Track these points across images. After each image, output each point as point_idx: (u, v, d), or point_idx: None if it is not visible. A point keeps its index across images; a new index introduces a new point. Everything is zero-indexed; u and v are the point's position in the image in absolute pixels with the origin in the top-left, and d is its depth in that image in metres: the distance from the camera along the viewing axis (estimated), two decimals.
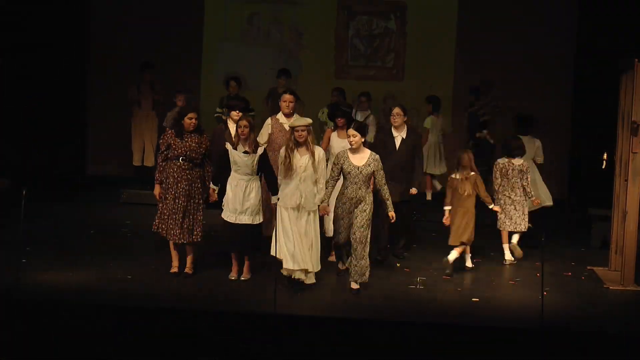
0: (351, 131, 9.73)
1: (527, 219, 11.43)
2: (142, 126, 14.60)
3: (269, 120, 11.03)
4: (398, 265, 10.94)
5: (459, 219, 10.75)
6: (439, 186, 14.33)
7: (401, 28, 15.53)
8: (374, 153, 9.80)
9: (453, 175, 10.88)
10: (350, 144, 9.74)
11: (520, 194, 11.34)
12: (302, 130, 9.77)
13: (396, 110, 10.96)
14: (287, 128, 10.26)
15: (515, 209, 11.36)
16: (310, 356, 8.59)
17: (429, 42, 15.38)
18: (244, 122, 10.00)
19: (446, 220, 10.84)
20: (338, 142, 10.72)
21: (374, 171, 9.71)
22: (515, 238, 11.44)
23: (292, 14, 15.67)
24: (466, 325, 8.99)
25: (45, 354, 8.44)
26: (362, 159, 9.71)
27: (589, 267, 11.16)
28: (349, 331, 8.85)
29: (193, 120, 10.10)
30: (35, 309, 8.95)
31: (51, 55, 14.83)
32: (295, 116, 10.59)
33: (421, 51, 15.41)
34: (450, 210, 10.83)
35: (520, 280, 10.58)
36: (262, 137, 10.82)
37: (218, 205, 10.24)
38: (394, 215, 9.86)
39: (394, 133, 10.96)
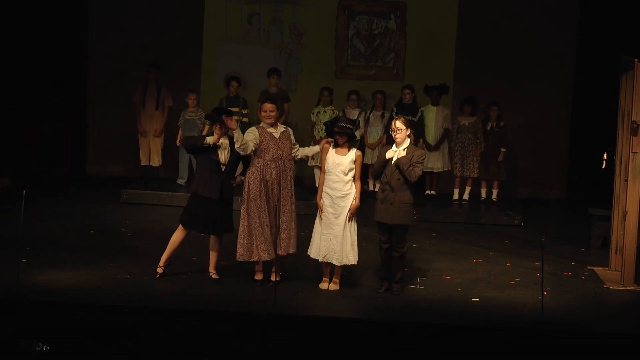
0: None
1: None
2: (147, 127, 14.58)
3: (255, 131, 9.99)
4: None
5: None
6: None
7: (401, 28, 15.52)
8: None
9: None
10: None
11: None
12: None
13: (398, 124, 9.74)
14: (277, 137, 10.10)
15: None
16: (311, 356, 8.59)
17: (429, 42, 15.37)
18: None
19: None
20: (334, 157, 9.95)
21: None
22: None
23: (292, 14, 15.67)
24: (466, 325, 8.99)
25: (45, 354, 8.44)
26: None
27: (589, 267, 11.16)
28: (349, 331, 8.85)
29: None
30: (35, 309, 8.95)
31: (51, 55, 14.82)
32: (281, 126, 10.12)
33: (421, 51, 15.41)
34: None
35: (520, 280, 10.58)
36: (240, 142, 9.82)
37: None
38: None
39: (393, 147, 9.82)
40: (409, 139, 9.85)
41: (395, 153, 9.77)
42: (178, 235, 10.15)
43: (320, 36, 15.59)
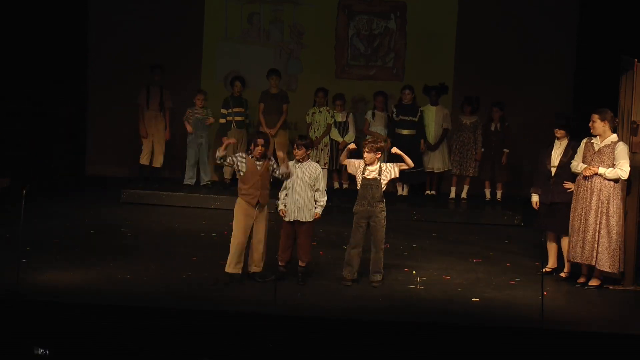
0: None
1: None
2: (151, 127, 14.62)
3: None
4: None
5: None
6: None
7: (401, 28, 15.52)
8: None
9: None
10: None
11: None
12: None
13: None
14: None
15: None
16: (311, 356, 8.59)
17: (429, 42, 15.37)
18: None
19: None
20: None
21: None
22: None
23: (293, 14, 15.66)
24: (466, 325, 8.99)
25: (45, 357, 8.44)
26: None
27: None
28: (349, 331, 8.85)
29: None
30: (35, 309, 8.95)
31: (51, 55, 14.82)
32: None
33: (421, 51, 15.41)
34: None
35: (520, 280, 10.57)
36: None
37: None
38: None
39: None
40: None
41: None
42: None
43: (320, 36, 15.58)
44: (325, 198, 10.23)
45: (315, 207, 10.15)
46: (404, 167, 10.27)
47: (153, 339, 8.68)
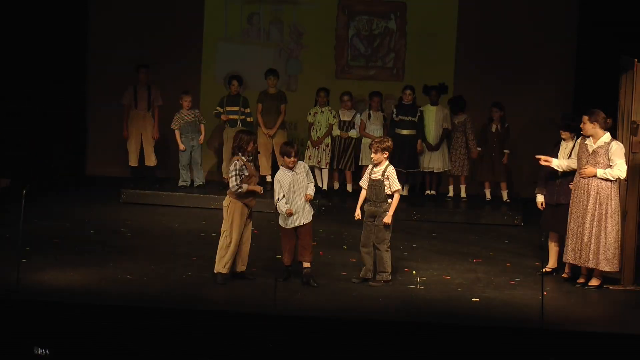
0: None
1: None
2: (139, 127, 14.59)
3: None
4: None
5: None
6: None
7: (401, 28, 15.52)
8: None
9: None
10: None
11: None
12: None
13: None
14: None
15: None
16: (311, 356, 8.59)
17: (429, 42, 15.37)
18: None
19: None
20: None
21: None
22: None
23: (292, 14, 15.66)
24: (466, 325, 8.99)
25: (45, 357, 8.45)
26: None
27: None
28: (349, 331, 8.85)
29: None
30: (35, 309, 8.95)
31: (51, 55, 14.82)
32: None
33: (421, 51, 15.41)
34: None
35: (520, 280, 10.58)
36: None
37: None
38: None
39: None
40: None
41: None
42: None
43: (320, 36, 15.58)
44: (313, 181, 10.32)
45: (307, 190, 10.19)
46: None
47: (153, 339, 8.68)
